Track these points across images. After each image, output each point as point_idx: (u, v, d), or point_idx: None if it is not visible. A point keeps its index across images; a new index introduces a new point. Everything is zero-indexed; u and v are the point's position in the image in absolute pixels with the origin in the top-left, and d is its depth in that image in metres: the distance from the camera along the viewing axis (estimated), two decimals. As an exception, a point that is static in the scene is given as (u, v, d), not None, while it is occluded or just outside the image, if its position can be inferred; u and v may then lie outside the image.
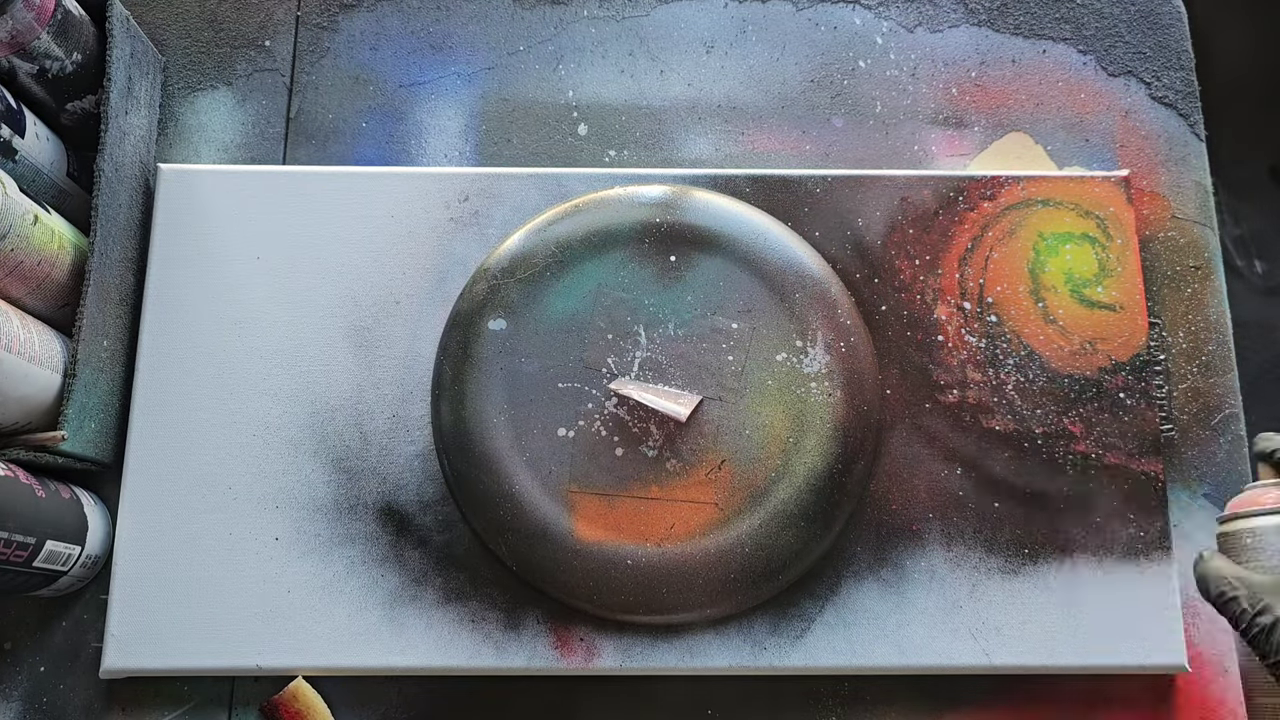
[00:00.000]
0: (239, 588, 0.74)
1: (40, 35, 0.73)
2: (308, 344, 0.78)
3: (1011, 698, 0.75)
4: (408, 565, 0.75)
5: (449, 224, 0.81)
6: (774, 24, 0.90)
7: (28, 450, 0.70)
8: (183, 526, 0.75)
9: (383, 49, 0.89)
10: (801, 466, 0.75)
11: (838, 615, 0.74)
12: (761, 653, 0.74)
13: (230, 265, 0.80)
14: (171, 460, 0.76)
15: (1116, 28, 0.90)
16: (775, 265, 0.78)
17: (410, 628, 0.74)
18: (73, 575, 0.73)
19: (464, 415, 0.75)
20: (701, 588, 0.73)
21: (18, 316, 0.70)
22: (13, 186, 0.69)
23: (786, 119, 0.88)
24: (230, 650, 0.73)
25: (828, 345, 0.76)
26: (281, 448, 0.77)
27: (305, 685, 0.74)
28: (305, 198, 0.81)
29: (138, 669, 0.73)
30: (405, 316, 0.79)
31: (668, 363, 0.76)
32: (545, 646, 0.73)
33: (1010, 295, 0.79)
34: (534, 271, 0.77)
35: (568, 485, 0.74)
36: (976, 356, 0.78)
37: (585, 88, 0.89)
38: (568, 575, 0.73)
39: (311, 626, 0.73)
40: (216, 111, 0.87)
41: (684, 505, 0.74)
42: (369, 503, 0.76)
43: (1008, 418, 0.77)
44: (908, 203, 0.81)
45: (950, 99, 0.88)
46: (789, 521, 0.74)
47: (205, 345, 0.78)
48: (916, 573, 0.75)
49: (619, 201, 0.79)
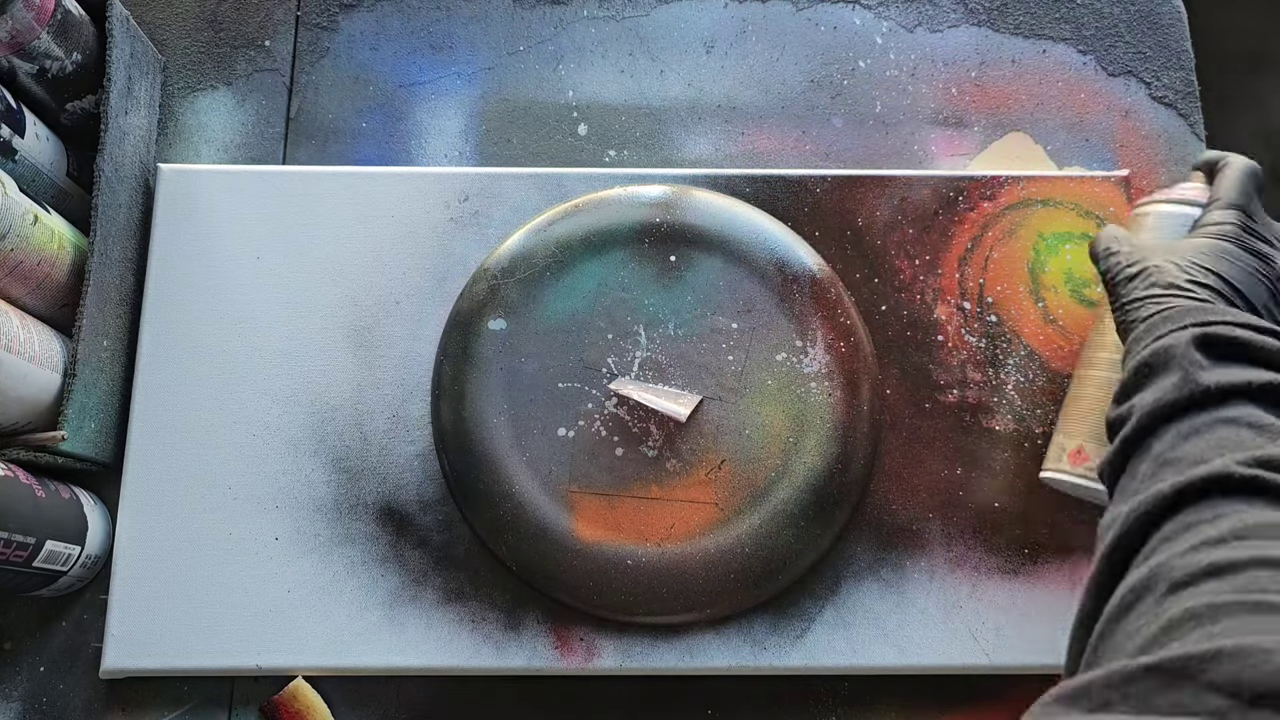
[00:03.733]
0: (239, 588, 0.74)
1: (40, 35, 0.73)
2: (308, 344, 0.78)
3: (1012, 698, 0.75)
4: (408, 565, 0.75)
5: (449, 224, 0.81)
6: (774, 24, 0.90)
7: (28, 450, 0.70)
8: (183, 526, 0.75)
9: (383, 49, 0.89)
10: (801, 466, 0.74)
11: (838, 615, 0.74)
12: (761, 653, 0.74)
13: (230, 265, 0.80)
14: (171, 460, 0.76)
15: (1116, 28, 0.90)
16: (775, 265, 0.78)
17: (410, 628, 0.73)
18: (73, 575, 0.73)
19: (464, 415, 0.75)
20: (701, 588, 0.73)
21: (18, 316, 0.70)
22: (13, 186, 0.69)
23: (786, 119, 0.88)
24: (230, 650, 0.73)
25: (828, 345, 0.76)
26: (281, 448, 0.77)
27: (305, 685, 0.74)
28: (305, 198, 0.81)
29: (138, 669, 0.73)
30: (405, 316, 0.79)
31: (668, 363, 0.76)
32: (545, 646, 0.73)
33: (1010, 295, 0.79)
34: (534, 271, 0.77)
35: (568, 485, 0.74)
36: (976, 356, 0.78)
37: (585, 88, 0.89)
38: (568, 575, 0.73)
39: (311, 626, 0.73)
40: (216, 111, 0.87)
41: (684, 505, 0.74)
42: (369, 503, 0.76)
43: (1008, 418, 0.77)
44: (908, 203, 0.81)
45: (950, 99, 0.88)
46: (789, 521, 0.74)
47: (205, 345, 0.78)
48: (916, 573, 0.75)
49: (619, 201, 0.79)
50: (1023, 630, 0.74)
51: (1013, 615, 0.74)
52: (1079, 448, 0.70)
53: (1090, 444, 0.70)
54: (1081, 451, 0.70)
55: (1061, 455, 0.72)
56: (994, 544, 0.75)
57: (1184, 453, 0.51)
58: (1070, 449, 0.71)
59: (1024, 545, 0.75)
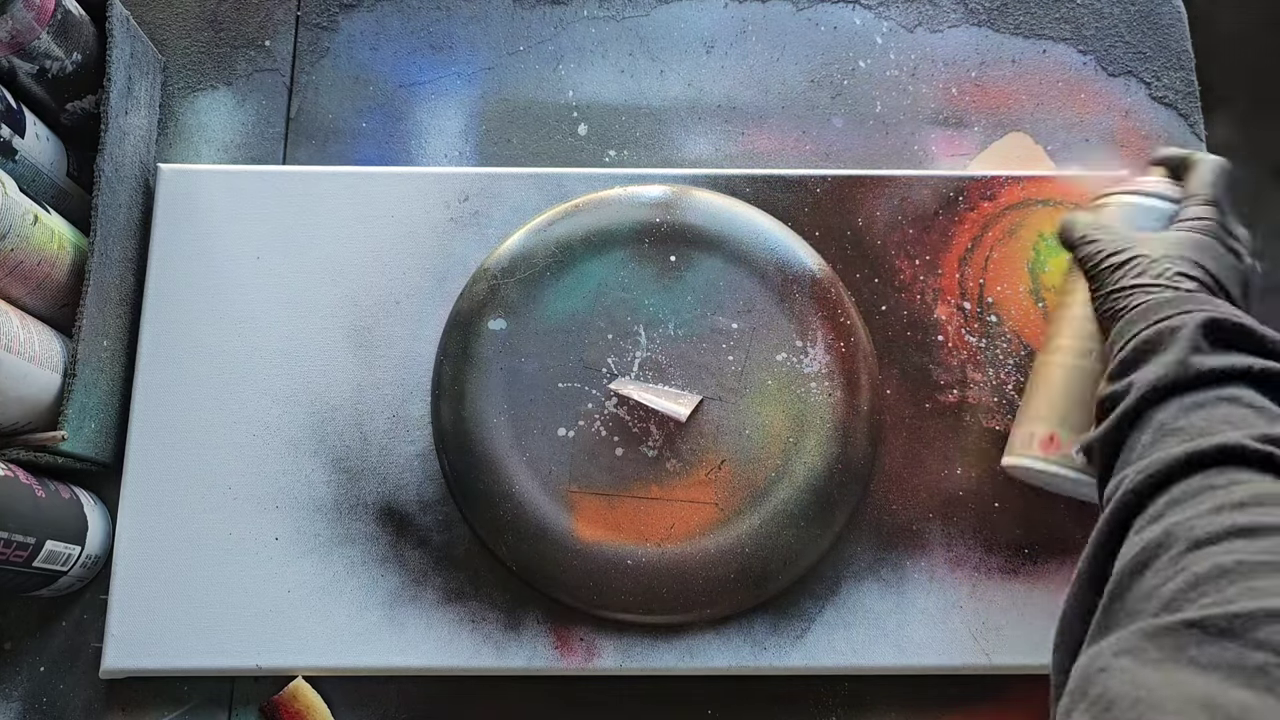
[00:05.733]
0: (239, 588, 0.74)
1: (40, 35, 0.73)
2: (308, 344, 0.78)
3: (1012, 697, 0.75)
4: (408, 565, 0.75)
5: (449, 224, 0.81)
6: (774, 24, 0.90)
7: (28, 450, 0.70)
8: (183, 526, 0.75)
9: (383, 49, 0.89)
10: (801, 466, 0.74)
11: (838, 615, 0.74)
12: (761, 653, 0.73)
13: (230, 265, 0.80)
14: (171, 460, 0.76)
15: (1116, 28, 0.90)
16: (775, 265, 0.78)
17: (410, 628, 0.73)
18: (73, 575, 0.73)
19: (464, 415, 0.75)
20: (701, 588, 0.73)
21: (18, 316, 0.70)
22: (13, 186, 0.69)
23: (786, 119, 0.88)
24: (230, 650, 0.73)
25: (828, 345, 0.76)
26: (281, 448, 0.77)
27: (305, 685, 0.74)
28: (305, 198, 0.81)
29: (138, 669, 0.73)
30: (405, 316, 0.79)
31: (668, 363, 0.76)
32: (545, 646, 0.73)
33: (1010, 295, 0.79)
34: (534, 271, 0.77)
35: (568, 485, 0.74)
36: (976, 356, 0.78)
37: (585, 88, 0.89)
38: (568, 575, 0.73)
39: (311, 626, 0.73)
40: (216, 111, 0.87)
41: (684, 505, 0.74)
42: (369, 503, 0.76)
43: (1008, 418, 0.77)
44: (908, 203, 0.81)
45: (950, 99, 0.88)
46: (789, 521, 0.74)
47: (205, 345, 0.78)
48: (916, 573, 0.75)
49: (619, 201, 0.79)
50: (1023, 630, 0.74)
51: (1013, 615, 0.74)
52: (1050, 434, 0.68)
53: (1062, 430, 0.68)
54: (1054, 439, 0.68)
55: (1031, 442, 0.69)
56: (994, 544, 0.75)
57: (1188, 424, 0.51)
58: (1040, 436, 0.69)
59: (1024, 545, 0.75)
